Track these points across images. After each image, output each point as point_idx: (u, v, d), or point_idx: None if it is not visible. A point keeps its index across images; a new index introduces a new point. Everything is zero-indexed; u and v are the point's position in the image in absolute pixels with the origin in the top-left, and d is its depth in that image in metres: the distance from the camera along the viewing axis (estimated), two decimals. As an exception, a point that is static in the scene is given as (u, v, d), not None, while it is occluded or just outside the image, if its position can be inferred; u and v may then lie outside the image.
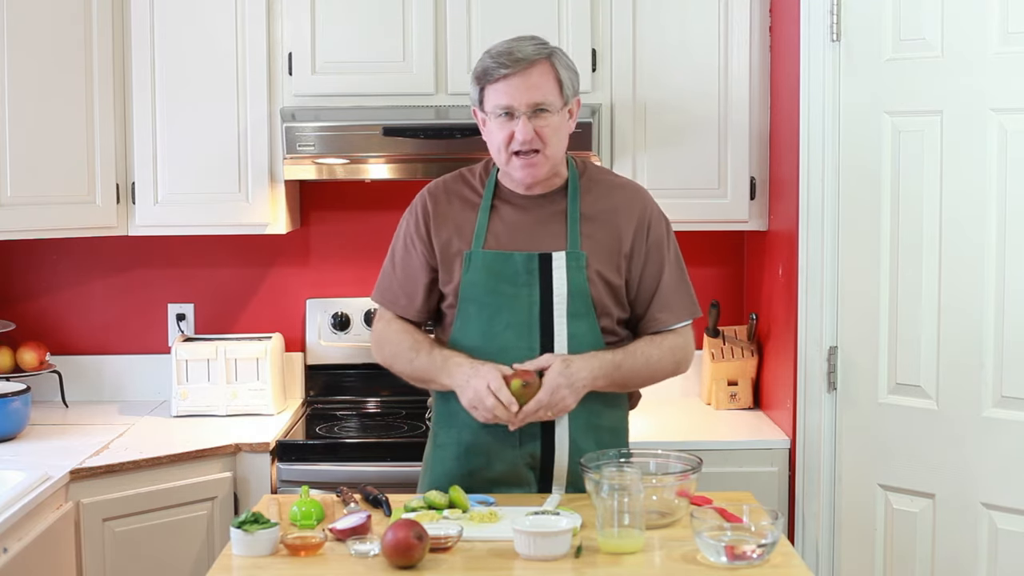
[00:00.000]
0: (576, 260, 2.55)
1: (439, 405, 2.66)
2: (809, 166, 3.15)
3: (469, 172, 2.69)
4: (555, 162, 2.57)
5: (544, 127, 2.50)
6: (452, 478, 2.58)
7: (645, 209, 2.64)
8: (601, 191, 2.64)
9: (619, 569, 2.16)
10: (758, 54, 3.48)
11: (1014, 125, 2.80)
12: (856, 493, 3.12)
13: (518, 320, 2.54)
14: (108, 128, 3.46)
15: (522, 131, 2.48)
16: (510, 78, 2.49)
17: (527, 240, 2.58)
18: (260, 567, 2.18)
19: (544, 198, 2.62)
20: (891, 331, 3.03)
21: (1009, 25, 2.80)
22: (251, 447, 3.26)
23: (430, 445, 2.70)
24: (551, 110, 2.51)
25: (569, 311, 2.54)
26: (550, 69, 2.52)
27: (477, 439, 2.59)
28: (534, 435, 2.57)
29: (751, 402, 3.68)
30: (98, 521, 2.99)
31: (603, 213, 2.61)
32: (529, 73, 2.50)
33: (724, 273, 3.90)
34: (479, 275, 2.56)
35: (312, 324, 3.82)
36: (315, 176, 3.46)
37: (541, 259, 2.55)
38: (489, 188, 2.63)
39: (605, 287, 2.57)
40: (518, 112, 2.49)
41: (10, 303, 3.84)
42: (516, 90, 2.49)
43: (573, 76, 2.57)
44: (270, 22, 3.49)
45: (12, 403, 3.26)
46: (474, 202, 2.63)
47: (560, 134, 2.54)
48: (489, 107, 2.53)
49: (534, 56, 2.51)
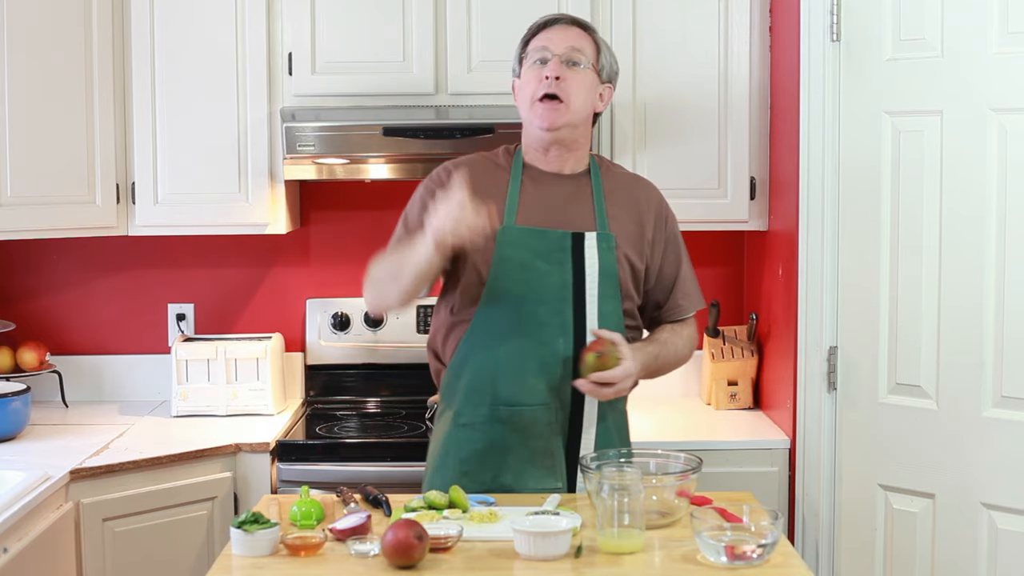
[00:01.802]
0: (607, 241, 2.61)
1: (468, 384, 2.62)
2: (809, 166, 3.15)
3: (492, 154, 2.74)
4: (576, 119, 2.62)
5: (573, 78, 2.59)
6: (480, 456, 2.59)
7: (661, 201, 2.76)
8: (620, 181, 2.74)
9: (619, 569, 2.16)
10: (758, 54, 3.48)
11: (1014, 125, 2.80)
12: (856, 493, 3.12)
13: (552, 296, 2.58)
14: (108, 128, 3.46)
15: (552, 68, 2.58)
16: (554, 26, 2.65)
17: (558, 218, 2.62)
18: (260, 567, 2.18)
19: (570, 179, 2.67)
20: (891, 331, 3.03)
21: (1009, 25, 2.80)
22: (251, 447, 3.26)
23: (450, 425, 2.64)
24: (584, 64, 2.61)
25: (600, 291, 2.59)
26: (591, 38, 2.68)
27: (510, 416, 2.58)
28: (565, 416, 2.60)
29: (751, 402, 3.68)
30: (98, 521, 2.99)
31: (625, 200, 2.69)
32: (572, 29, 2.66)
33: (724, 273, 3.90)
34: (514, 251, 2.58)
35: (312, 324, 3.82)
36: (315, 176, 3.46)
37: (574, 238, 2.59)
38: (517, 165, 2.67)
39: (630, 270, 2.65)
40: (551, 54, 2.60)
41: (10, 303, 3.85)
42: (557, 35, 2.63)
43: (612, 59, 2.71)
44: (270, 22, 3.49)
45: (12, 403, 3.26)
46: (502, 177, 2.66)
47: (586, 94, 2.62)
48: (528, 56, 2.64)
49: (581, 21, 2.69)
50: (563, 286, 2.58)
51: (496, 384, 2.59)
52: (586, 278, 2.59)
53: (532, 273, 2.58)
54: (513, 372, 2.58)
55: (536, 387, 2.58)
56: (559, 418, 2.60)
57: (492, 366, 2.59)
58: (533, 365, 2.58)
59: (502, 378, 2.59)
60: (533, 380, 2.58)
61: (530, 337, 2.57)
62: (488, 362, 2.59)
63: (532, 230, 2.59)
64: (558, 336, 2.57)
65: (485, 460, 2.59)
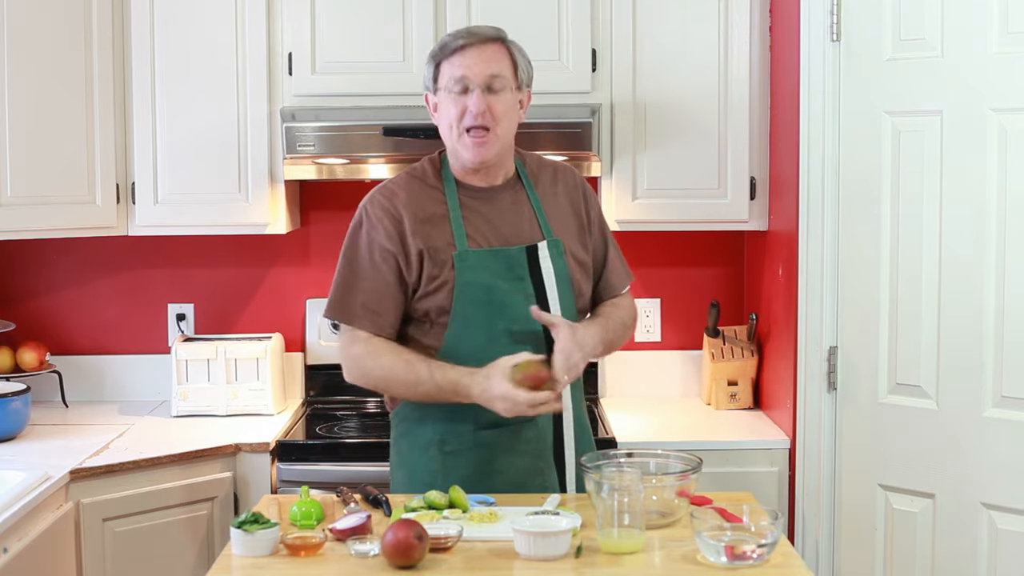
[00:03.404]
0: (556, 247, 2.60)
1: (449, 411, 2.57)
2: (809, 166, 3.15)
3: (417, 172, 2.63)
4: (505, 144, 2.57)
5: (497, 103, 2.52)
6: (469, 483, 2.54)
7: (581, 182, 2.73)
8: (546, 174, 2.69)
9: (619, 569, 2.16)
10: (758, 54, 3.48)
11: (1014, 125, 2.81)
12: (856, 493, 3.12)
13: (519, 314, 2.53)
14: (108, 128, 3.46)
15: (476, 103, 2.50)
16: (467, 50, 2.52)
17: (508, 234, 2.58)
18: (260, 567, 2.18)
19: (504, 189, 2.63)
20: (891, 331, 3.03)
21: (1009, 25, 2.80)
22: (251, 447, 3.26)
23: (436, 451, 2.60)
24: (505, 87, 2.54)
25: (560, 298, 2.58)
26: (505, 50, 2.57)
27: (494, 438, 2.57)
28: (548, 426, 2.58)
29: (751, 402, 3.68)
30: (98, 521, 2.99)
31: (557, 195, 2.66)
32: (485, 48, 2.54)
33: (724, 273, 3.90)
34: (475, 274, 2.53)
35: (312, 324, 3.82)
36: (315, 176, 3.46)
37: (528, 251, 2.57)
38: (450, 184, 2.60)
39: (579, 267, 2.64)
40: (473, 84, 2.51)
41: (10, 303, 3.85)
42: (472, 61, 2.52)
43: (527, 64, 2.61)
44: (270, 22, 3.49)
45: (12, 403, 3.26)
46: (440, 200, 2.59)
47: (511, 116, 2.56)
48: (443, 81, 2.55)
49: (491, 35, 2.56)
50: (527, 301, 2.53)
51: (476, 407, 2.49)
52: (546, 289, 2.56)
53: (496, 294, 2.53)
54: None
55: None
56: (543, 434, 2.58)
57: None
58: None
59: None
60: None
61: (503, 356, 2.47)
62: None
63: (488, 251, 2.54)
64: (532, 351, 2.49)
65: (475, 486, 2.53)
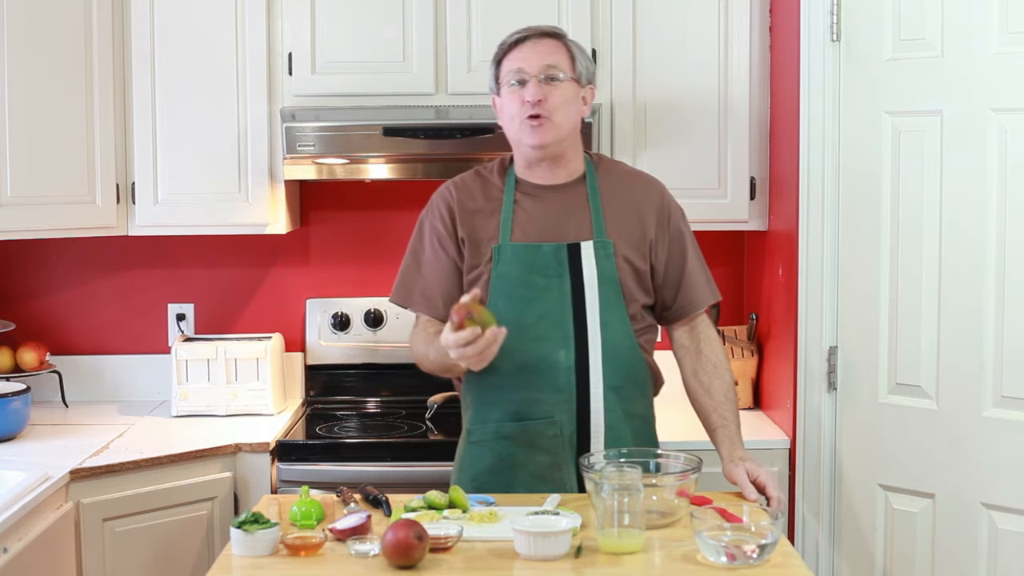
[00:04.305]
0: (604, 248, 2.61)
1: (476, 401, 2.67)
2: (809, 166, 3.15)
3: (486, 169, 2.74)
4: (564, 134, 2.61)
5: (553, 93, 2.57)
6: (491, 473, 2.61)
7: (663, 196, 2.74)
8: (619, 180, 2.72)
9: (619, 569, 2.16)
10: (758, 54, 3.48)
11: (1014, 125, 2.80)
12: (856, 493, 3.12)
13: (551, 310, 2.58)
14: (108, 128, 3.46)
15: (531, 91, 2.57)
16: (523, 44, 2.62)
17: (553, 231, 2.62)
18: (260, 567, 2.18)
19: (564, 188, 2.67)
20: (891, 331, 3.03)
21: (1009, 25, 2.80)
22: (251, 447, 3.25)
23: (464, 441, 2.70)
24: (561, 79, 2.59)
25: (600, 299, 2.59)
26: (563, 45, 2.65)
27: (515, 432, 2.60)
28: (571, 427, 2.59)
29: (751, 402, 3.68)
30: (98, 521, 2.99)
31: (624, 201, 2.68)
32: (542, 42, 2.63)
33: (724, 273, 3.89)
34: (510, 268, 2.59)
35: (312, 324, 3.82)
36: (315, 176, 3.46)
37: (570, 249, 2.60)
38: (510, 182, 2.67)
39: (632, 273, 2.64)
40: (528, 75, 2.58)
41: (10, 303, 3.84)
42: (529, 54, 2.61)
43: (586, 61, 2.68)
44: (270, 22, 3.49)
45: (12, 403, 3.26)
46: (496, 196, 2.67)
47: (569, 107, 2.61)
48: (504, 76, 2.62)
49: (548, 30, 2.66)
50: (562, 298, 2.58)
51: (501, 400, 2.61)
52: (585, 288, 2.59)
53: (530, 289, 2.59)
54: (516, 387, 2.59)
55: (540, 401, 2.58)
56: (566, 431, 2.60)
57: (496, 383, 2.61)
58: (536, 379, 2.58)
59: (506, 394, 2.61)
60: (536, 394, 2.58)
61: (532, 352, 2.57)
62: (492, 379, 2.60)
63: (526, 246, 2.60)
64: (559, 348, 2.58)
65: (496, 477, 2.60)
